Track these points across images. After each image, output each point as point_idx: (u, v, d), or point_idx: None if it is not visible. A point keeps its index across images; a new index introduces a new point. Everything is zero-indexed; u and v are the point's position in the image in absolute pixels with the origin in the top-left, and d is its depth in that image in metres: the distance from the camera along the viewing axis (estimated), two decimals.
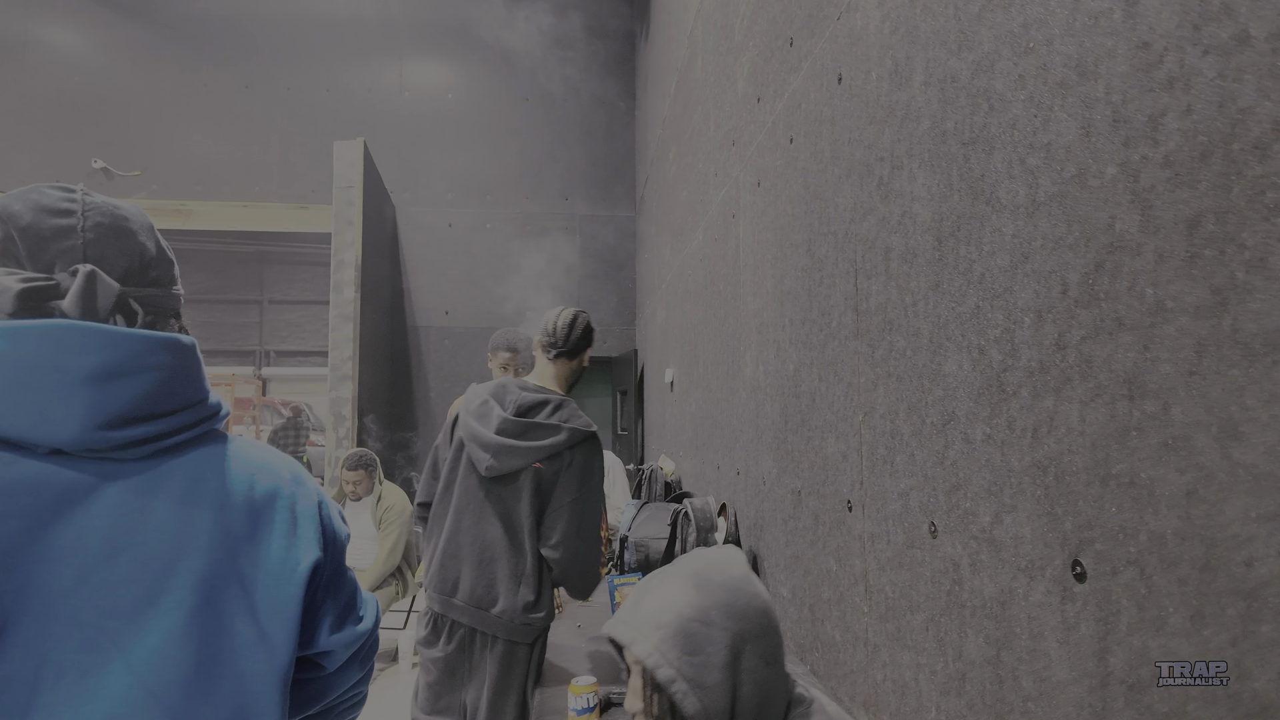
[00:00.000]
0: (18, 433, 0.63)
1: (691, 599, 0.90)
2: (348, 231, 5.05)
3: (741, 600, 0.90)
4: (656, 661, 0.89)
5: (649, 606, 0.94)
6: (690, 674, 0.88)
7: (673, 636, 0.88)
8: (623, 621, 0.96)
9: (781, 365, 2.00)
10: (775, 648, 0.91)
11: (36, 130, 6.24)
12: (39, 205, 0.72)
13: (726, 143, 2.75)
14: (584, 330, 2.01)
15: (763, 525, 2.22)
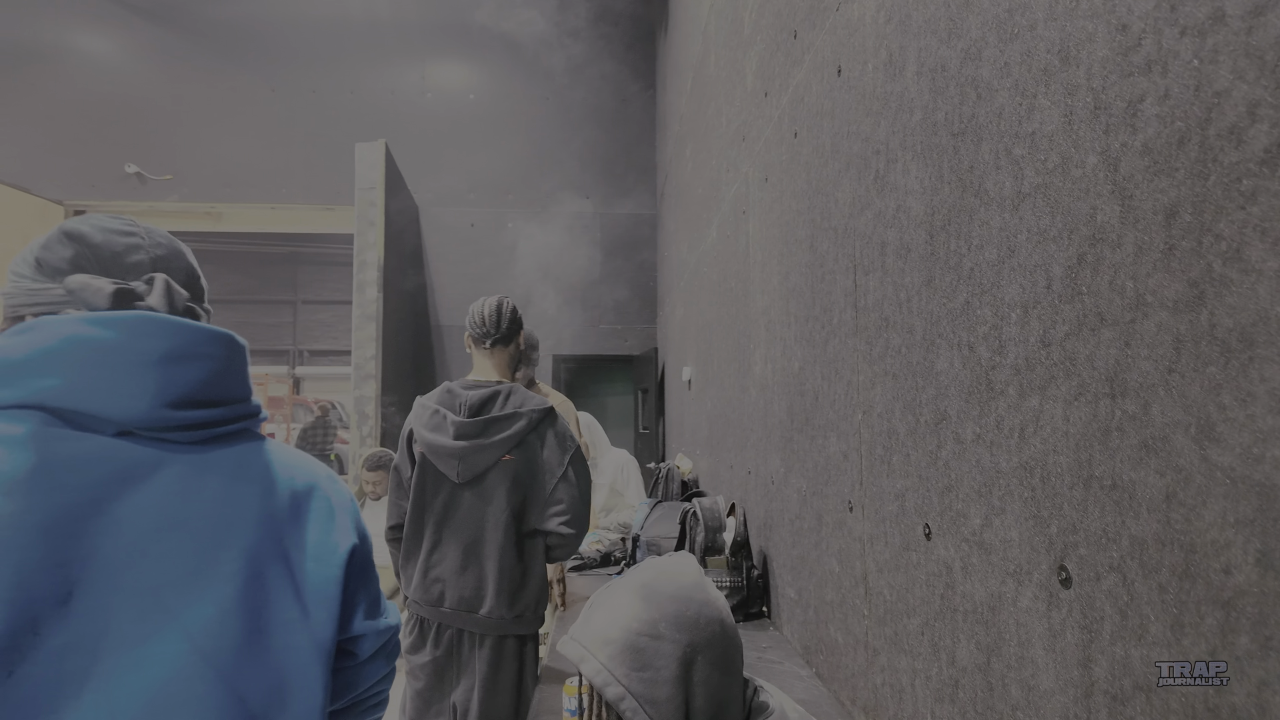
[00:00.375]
0: (94, 407, 0.70)
1: (639, 612, 0.88)
2: (370, 232, 5.11)
3: (691, 610, 0.88)
4: (605, 680, 0.87)
5: (597, 622, 0.92)
6: (639, 690, 0.85)
7: (620, 653, 0.86)
8: (572, 639, 0.94)
9: (788, 363, 1.97)
10: (730, 655, 0.89)
11: (72, 136, 6.42)
12: (105, 227, 0.83)
13: (737, 138, 2.72)
14: (512, 315, 2.04)
15: (772, 525, 2.19)
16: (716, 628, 0.88)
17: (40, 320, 0.72)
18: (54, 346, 0.70)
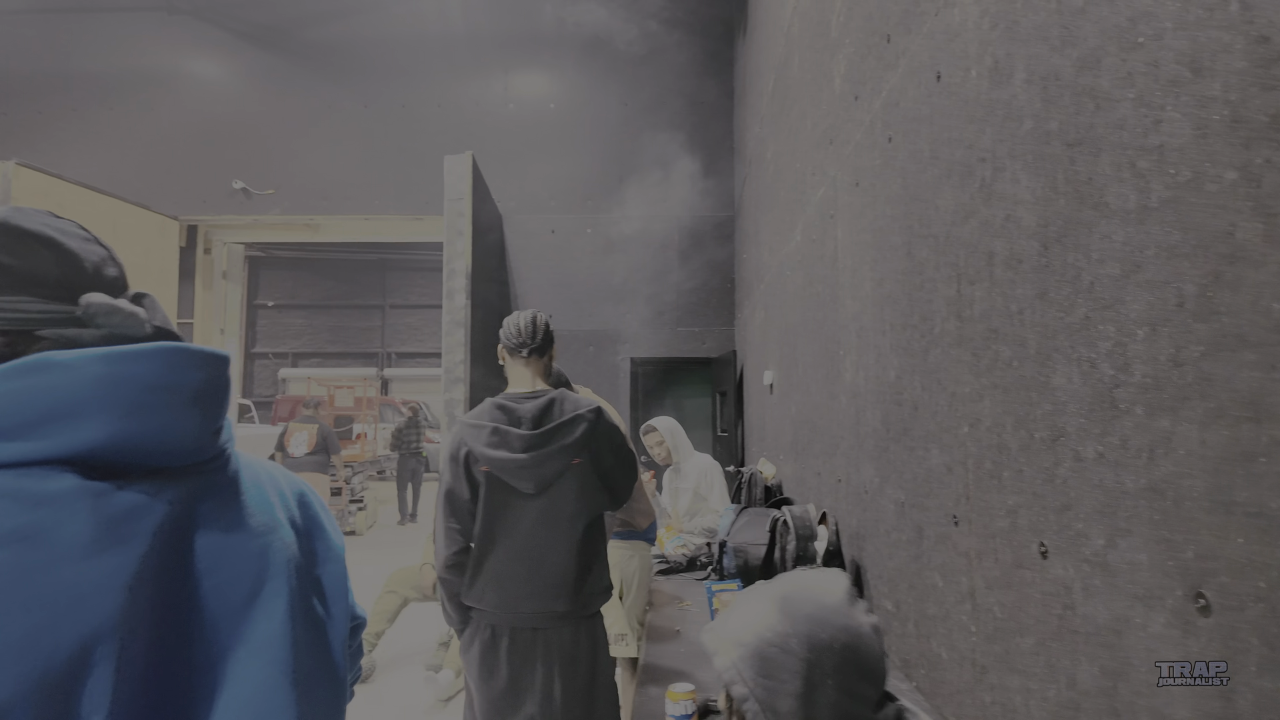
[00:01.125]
0: (140, 455, 0.65)
1: (774, 622, 0.90)
2: (458, 241, 5.29)
3: (826, 633, 0.89)
4: (732, 677, 0.90)
5: (734, 622, 0.95)
6: (762, 696, 0.88)
7: (749, 656, 0.89)
8: (711, 631, 0.98)
9: (882, 372, 1.95)
10: (864, 683, 0.89)
11: (186, 155, 6.90)
12: (74, 233, 0.72)
13: (824, 141, 2.70)
14: (546, 327, 2.13)
15: (864, 536, 2.17)
16: (852, 655, 0.88)
17: (52, 359, 0.61)
18: (89, 391, 0.61)
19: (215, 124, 6.94)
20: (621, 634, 2.71)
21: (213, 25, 6.98)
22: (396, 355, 20.46)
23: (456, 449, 1.91)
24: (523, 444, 1.88)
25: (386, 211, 6.86)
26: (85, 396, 0.61)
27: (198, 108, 6.95)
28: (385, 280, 20.43)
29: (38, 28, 7.03)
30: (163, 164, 6.90)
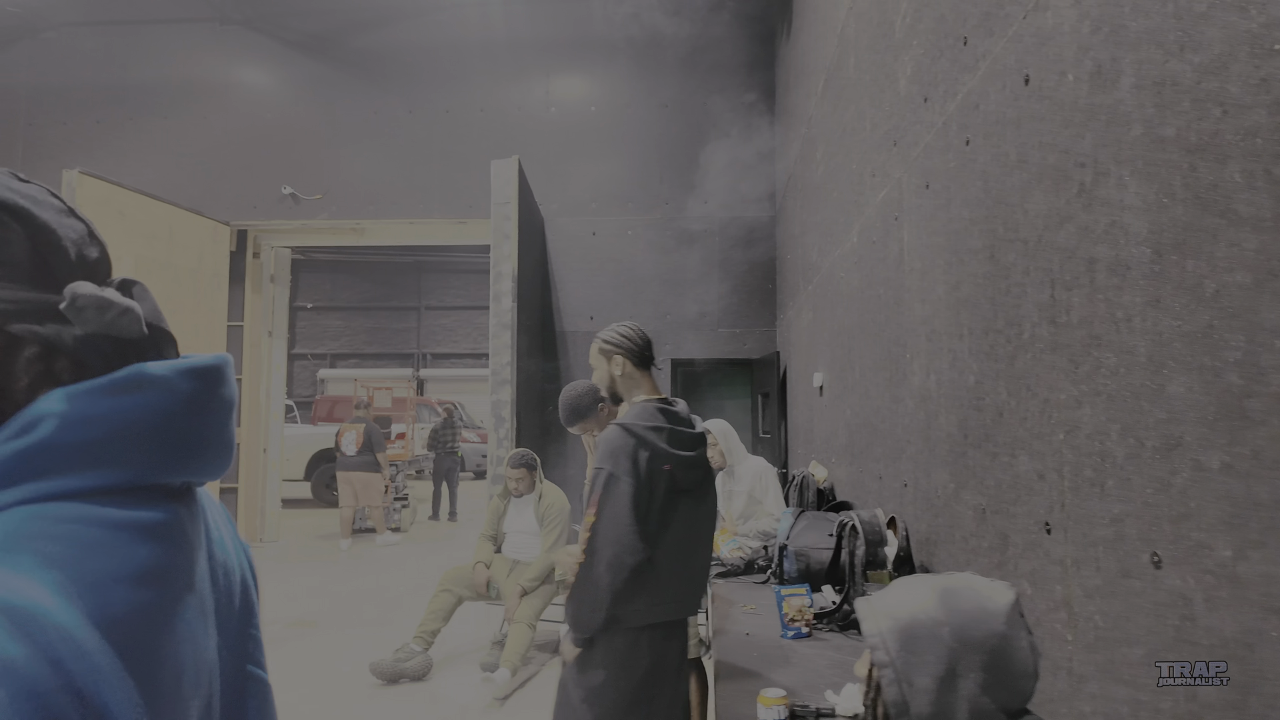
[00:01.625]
0: (208, 469, 0.59)
1: (930, 608, 0.93)
2: (505, 245, 5.35)
3: (980, 633, 0.90)
4: (876, 643, 0.95)
5: (890, 599, 1.00)
6: (901, 667, 0.92)
7: (897, 630, 0.94)
8: (865, 602, 1.03)
9: (959, 376, 1.94)
10: (1004, 690, 0.90)
11: (239, 162, 7.07)
12: (48, 203, 0.59)
13: (886, 143, 2.68)
14: None
15: (936, 541, 2.15)
16: (1000, 660, 0.89)
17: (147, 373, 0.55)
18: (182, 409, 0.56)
19: (265, 131, 7.10)
20: None
21: (263, 35, 7.14)
22: (432, 356, 20.72)
23: (634, 452, 1.85)
24: (692, 442, 2.01)
25: (431, 215, 6.95)
26: (179, 414, 0.56)
27: (249, 115, 7.12)
28: (421, 282, 20.71)
29: (96, 40, 7.26)
30: (215, 171, 7.08)
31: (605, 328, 2.12)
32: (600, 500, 1.80)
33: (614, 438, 1.87)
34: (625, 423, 1.91)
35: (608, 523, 1.78)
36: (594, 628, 1.82)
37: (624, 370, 2.06)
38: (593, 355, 2.10)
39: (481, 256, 20.92)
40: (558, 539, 3.94)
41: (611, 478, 1.82)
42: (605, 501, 1.79)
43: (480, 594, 3.92)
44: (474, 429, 16.36)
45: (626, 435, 1.88)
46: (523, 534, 4.06)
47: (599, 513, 1.80)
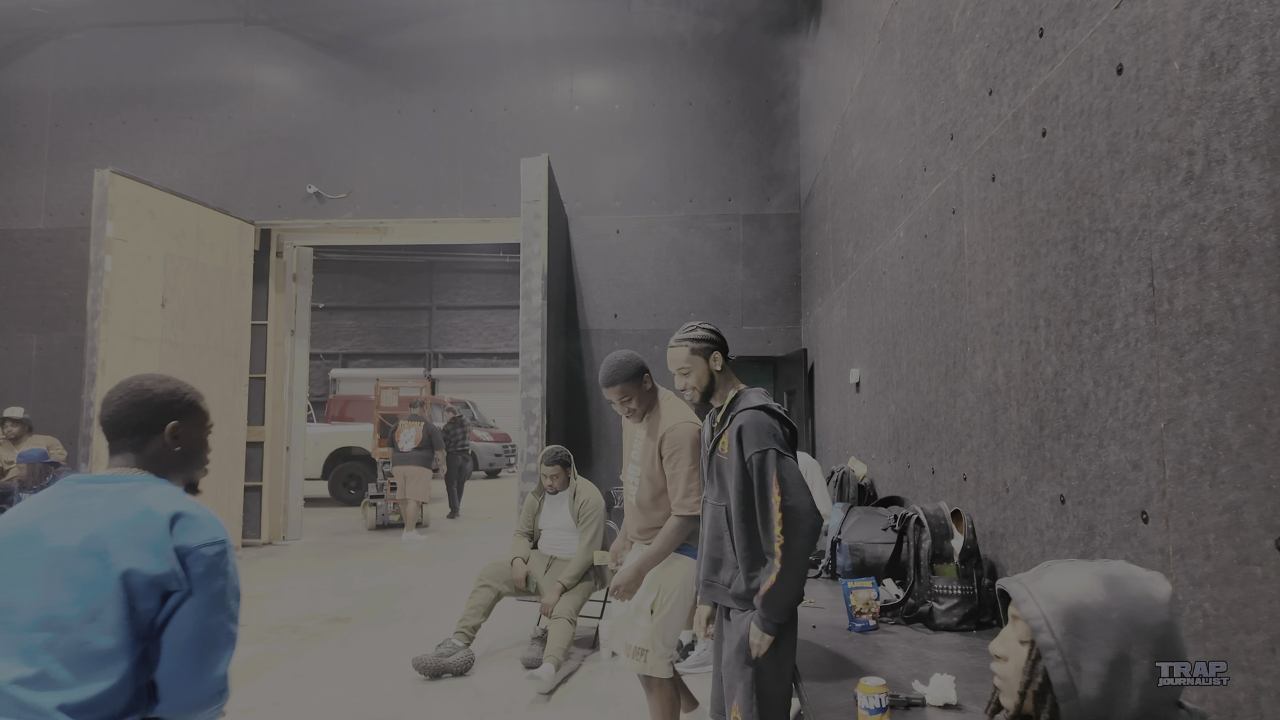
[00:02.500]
0: None
1: (1096, 592, 0.92)
2: (535, 243, 5.36)
3: (1150, 620, 0.89)
4: (1040, 625, 0.93)
5: (1049, 581, 0.97)
6: (1068, 650, 0.91)
7: (1061, 612, 0.91)
8: (1018, 581, 1.00)
9: (1033, 368, 1.93)
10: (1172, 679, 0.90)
11: (264, 162, 7.09)
12: None
13: (940, 137, 2.68)
14: None
15: (1004, 535, 2.15)
16: (1170, 648, 0.88)
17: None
18: None
19: (290, 131, 7.12)
20: (641, 648, 2.48)
21: (288, 35, 7.17)
22: (444, 355, 20.77)
23: (781, 430, 1.90)
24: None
25: (455, 214, 6.97)
26: None
27: (274, 116, 7.15)
28: (433, 282, 20.76)
29: (122, 42, 7.30)
30: (240, 170, 7.11)
31: (680, 331, 2.10)
32: (780, 479, 1.81)
33: (762, 420, 1.88)
34: (765, 405, 1.93)
35: (795, 498, 1.79)
36: (797, 604, 1.81)
37: (721, 365, 2.07)
38: (680, 359, 2.05)
39: (493, 256, 20.93)
40: (594, 535, 3.95)
41: (779, 455, 1.84)
42: (784, 479, 1.81)
43: (519, 589, 3.93)
44: (486, 427, 16.38)
45: (771, 416, 1.91)
46: (558, 531, 4.07)
47: (784, 491, 1.80)
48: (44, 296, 7.04)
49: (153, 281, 5.88)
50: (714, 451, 2.04)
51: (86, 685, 0.99)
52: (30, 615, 1.03)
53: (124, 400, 1.26)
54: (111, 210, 5.51)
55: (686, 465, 2.45)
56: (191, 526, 1.14)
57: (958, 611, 2.13)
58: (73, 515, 1.12)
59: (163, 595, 1.09)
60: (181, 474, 1.30)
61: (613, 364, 2.51)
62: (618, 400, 2.53)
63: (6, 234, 7.16)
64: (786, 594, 1.79)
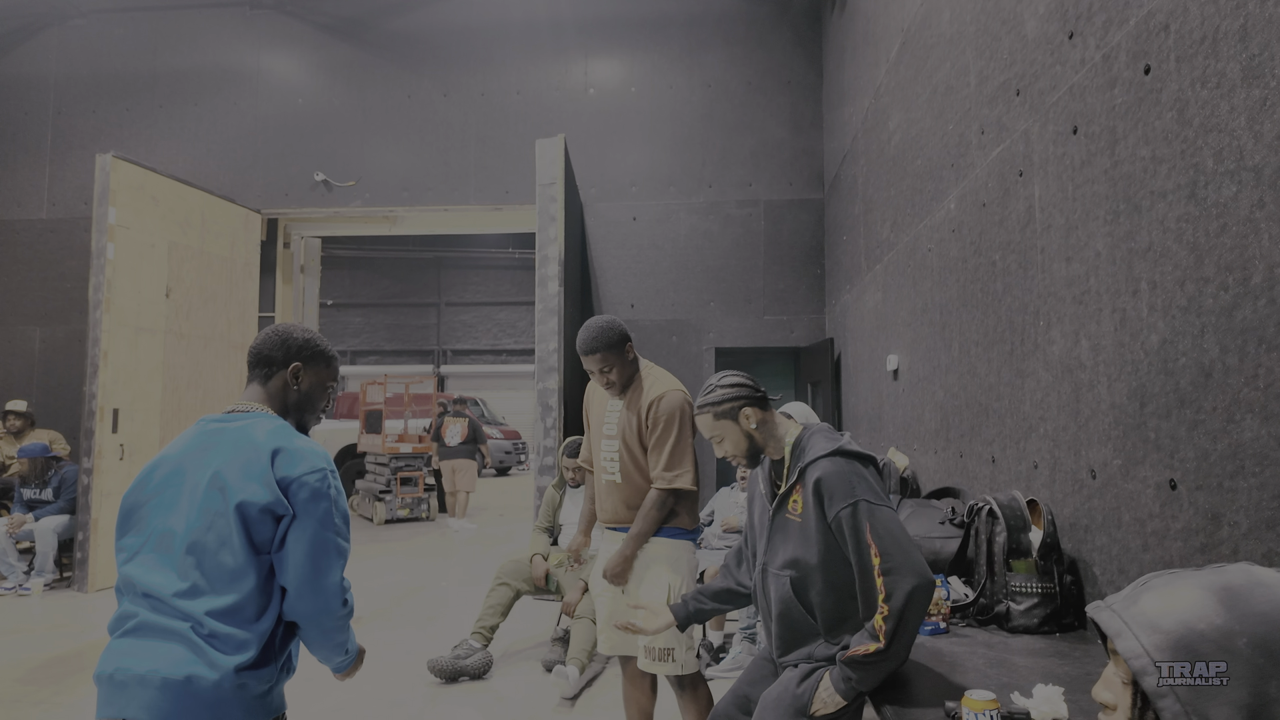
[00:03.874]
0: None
1: (1211, 614, 0.71)
2: (551, 227, 5.15)
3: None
4: (1145, 666, 0.73)
5: (1148, 604, 0.78)
6: (1187, 696, 0.71)
7: (1170, 645, 0.72)
8: (1110, 609, 0.81)
9: (1131, 338, 1.71)
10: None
11: (270, 149, 6.91)
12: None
13: (1003, 94, 2.46)
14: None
15: (1089, 527, 1.93)
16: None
17: None
18: None
19: (297, 117, 6.94)
20: (666, 649, 2.25)
21: (294, 19, 6.98)
22: (452, 352, 20.61)
23: (869, 474, 1.61)
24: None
25: (467, 202, 6.77)
26: None
27: (280, 101, 6.97)
28: (440, 278, 20.61)
29: (125, 28, 7.13)
30: (247, 158, 6.93)
31: (700, 395, 1.76)
32: (876, 536, 1.49)
33: (844, 467, 1.57)
34: (840, 448, 1.60)
35: (896, 558, 1.48)
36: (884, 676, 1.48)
37: (758, 419, 1.73)
38: (709, 427, 1.73)
39: (502, 252, 20.73)
40: None
41: (871, 507, 1.53)
42: (881, 535, 1.49)
43: (538, 587, 3.73)
44: (496, 425, 16.20)
45: (852, 461, 1.59)
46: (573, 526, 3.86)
47: (882, 551, 1.48)
48: (46, 288, 6.88)
49: (156, 271, 5.70)
50: (777, 512, 1.71)
51: (225, 595, 1.21)
52: (181, 541, 1.25)
53: (268, 336, 1.45)
54: (114, 196, 5.33)
55: (673, 436, 2.21)
56: (291, 459, 1.29)
57: (1038, 612, 1.91)
58: (206, 452, 1.31)
59: (274, 520, 1.27)
60: (295, 414, 1.45)
61: (592, 329, 2.26)
62: (596, 370, 2.28)
63: (8, 225, 7.00)
64: (885, 667, 1.47)
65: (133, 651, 1.17)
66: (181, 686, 1.14)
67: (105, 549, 5.17)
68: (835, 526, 1.56)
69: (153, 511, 1.29)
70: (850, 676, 1.50)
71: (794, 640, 1.69)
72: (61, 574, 5.36)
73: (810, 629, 1.65)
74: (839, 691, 1.52)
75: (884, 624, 1.45)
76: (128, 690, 1.14)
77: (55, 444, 5.75)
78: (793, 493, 1.67)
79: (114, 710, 1.16)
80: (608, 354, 2.26)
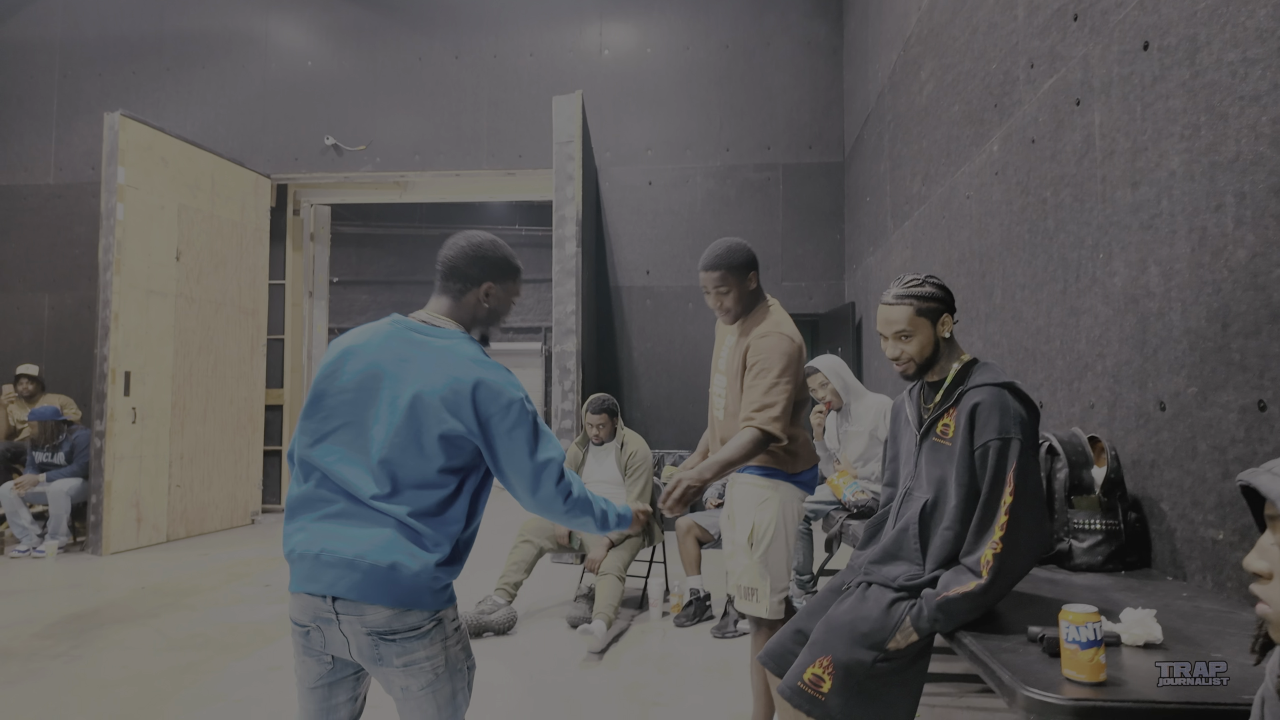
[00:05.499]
0: None
1: None
2: (568, 186, 5.05)
3: None
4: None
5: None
6: None
7: None
8: (1269, 473, 0.75)
9: (1212, 257, 1.62)
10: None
11: (279, 113, 6.79)
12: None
13: (1058, 22, 2.35)
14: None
15: (1155, 462, 1.85)
16: None
17: None
18: None
19: (306, 80, 6.82)
20: (751, 588, 2.11)
21: None
22: None
23: (1033, 426, 1.51)
24: None
25: (479, 167, 6.66)
26: None
27: (289, 64, 6.84)
28: None
29: None
30: (255, 122, 6.81)
31: (898, 285, 1.60)
32: (1018, 476, 1.41)
33: (1008, 402, 1.46)
34: (1011, 383, 1.49)
35: (1031, 505, 1.41)
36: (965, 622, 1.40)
37: (951, 331, 1.59)
38: (901, 320, 1.57)
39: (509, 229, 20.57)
40: (643, 488, 3.67)
41: (1024, 451, 1.43)
42: (1024, 478, 1.42)
43: (561, 544, 3.67)
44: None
45: (1018, 401, 1.48)
46: (604, 483, 3.79)
47: (1017, 489, 1.40)
48: (55, 254, 6.80)
49: (166, 233, 5.61)
50: (926, 435, 1.60)
51: (422, 502, 1.28)
52: (379, 449, 1.29)
53: (464, 249, 1.43)
54: (123, 155, 5.23)
55: (771, 376, 2.01)
56: (491, 393, 1.31)
57: (1102, 549, 1.84)
58: (406, 365, 1.33)
59: (474, 448, 1.33)
60: (480, 327, 1.46)
61: (719, 245, 2.13)
62: (712, 289, 2.12)
63: (15, 190, 6.91)
64: (973, 611, 1.39)
65: (340, 535, 1.25)
66: (386, 572, 1.23)
67: (119, 512, 5.13)
68: (980, 455, 1.46)
69: (344, 407, 1.33)
70: (938, 618, 1.42)
71: (890, 557, 1.59)
72: (75, 538, 5.32)
73: (913, 553, 1.56)
74: (916, 628, 1.45)
75: (992, 560, 1.38)
76: (334, 570, 1.24)
77: (66, 409, 5.70)
78: (944, 416, 1.56)
79: (319, 587, 1.25)
80: (728, 274, 2.11)
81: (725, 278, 2.11)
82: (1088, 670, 1.08)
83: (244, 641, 3.22)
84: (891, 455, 1.78)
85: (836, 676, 1.46)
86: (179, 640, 3.24)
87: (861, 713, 1.46)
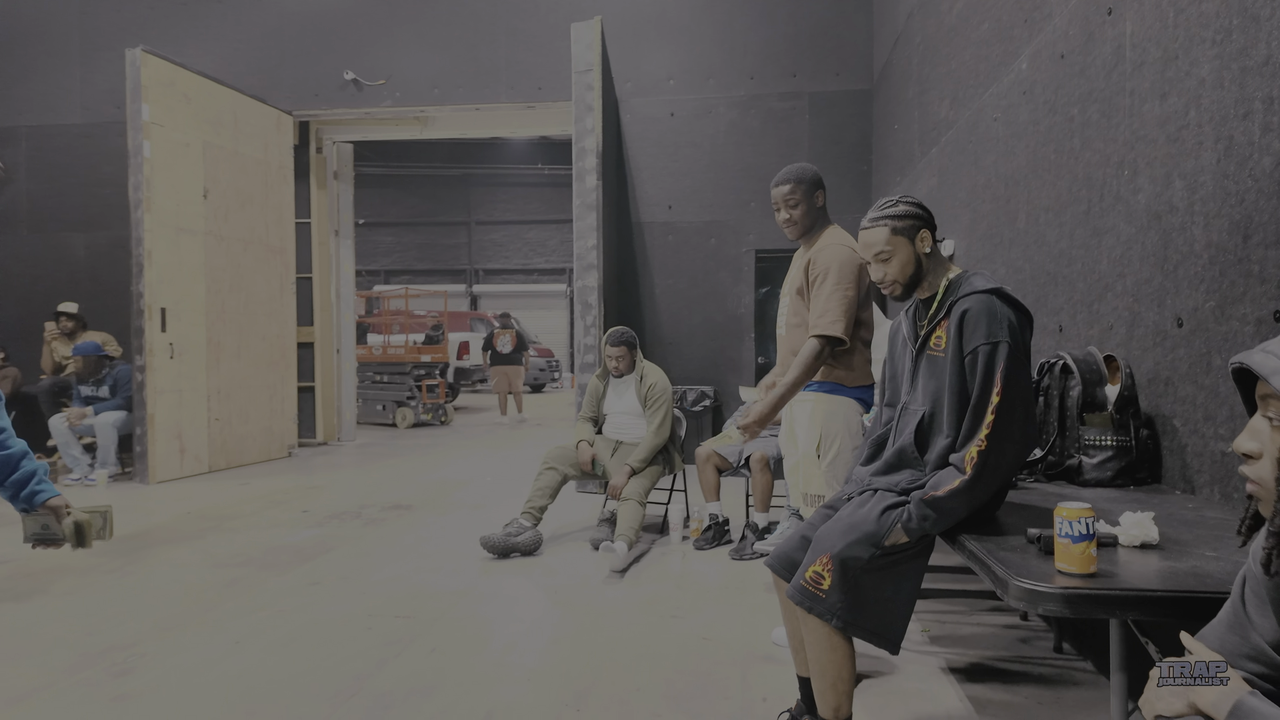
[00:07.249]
0: None
1: None
2: (588, 117, 4.98)
3: None
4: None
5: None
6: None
7: None
8: (1263, 351, 0.79)
9: (1237, 168, 1.59)
10: None
11: (298, 47, 6.74)
12: None
13: None
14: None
15: (1170, 379, 1.85)
16: None
17: None
18: None
19: (324, 13, 6.73)
20: (819, 495, 2.29)
21: None
22: (484, 272, 20.59)
23: (1023, 330, 1.54)
24: None
25: (498, 100, 6.58)
26: None
27: None
28: (470, 196, 20.40)
29: None
30: (275, 57, 6.77)
31: (875, 209, 1.66)
32: (1006, 377, 1.44)
33: (996, 308, 1.49)
34: (998, 289, 1.52)
35: (1017, 405, 1.45)
36: (956, 520, 1.47)
37: (931, 246, 1.63)
38: (878, 241, 1.62)
39: (531, 169, 20.39)
40: (663, 419, 3.74)
41: (1013, 352, 1.46)
42: (1012, 380, 1.45)
43: (585, 471, 3.78)
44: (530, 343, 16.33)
45: (1008, 306, 1.51)
46: (624, 415, 3.87)
47: (1004, 391, 1.44)
48: (86, 195, 6.91)
49: (192, 171, 5.67)
50: (922, 349, 1.64)
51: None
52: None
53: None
54: (146, 92, 5.26)
55: (830, 284, 2.18)
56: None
57: (1111, 465, 1.86)
58: None
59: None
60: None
61: (792, 165, 2.36)
62: (781, 202, 2.33)
63: (43, 130, 6.98)
64: (960, 508, 1.44)
65: None
66: None
67: (163, 443, 5.34)
68: (969, 360, 1.50)
69: None
70: (927, 515, 1.48)
71: (891, 468, 1.65)
72: (123, 468, 5.57)
73: (911, 460, 1.62)
74: (907, 531, 1.51)
75: (976, 456, 1.43)
76: None
77: (108, 345, 5.88)
78: (936, 329, 1.60)
79: None
80: (797, 185, 2.30)
81: (795, 189, 2.31)
82: (1079, 562, 1.12)
83: (284, 561, 3.39)
84: (891, 374, 1.82)
85: (835, 572, 1.53)
86: (223, 559, 3.43)
87: (860, 608, 1.53)
